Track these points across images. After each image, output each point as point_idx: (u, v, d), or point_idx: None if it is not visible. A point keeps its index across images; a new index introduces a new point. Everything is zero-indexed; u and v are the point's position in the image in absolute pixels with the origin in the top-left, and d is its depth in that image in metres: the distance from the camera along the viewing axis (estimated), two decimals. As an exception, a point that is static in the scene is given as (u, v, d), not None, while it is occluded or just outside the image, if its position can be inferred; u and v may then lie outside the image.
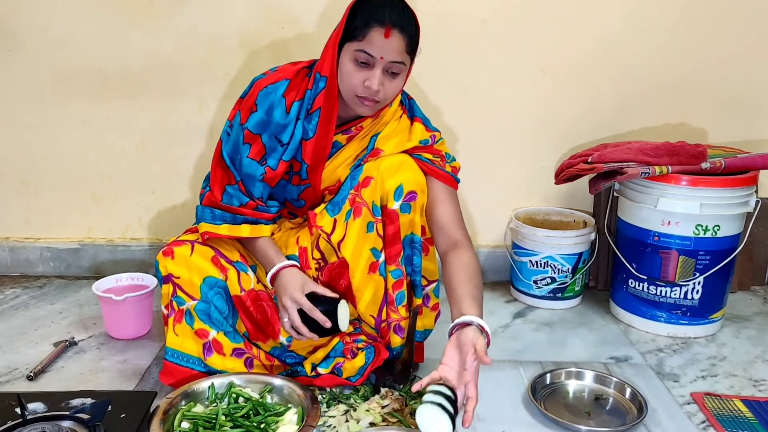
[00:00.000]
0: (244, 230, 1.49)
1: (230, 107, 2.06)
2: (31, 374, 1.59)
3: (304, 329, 1.41)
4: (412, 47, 1.38)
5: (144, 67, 2.08)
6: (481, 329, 1.27)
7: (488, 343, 1.27)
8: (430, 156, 1.51)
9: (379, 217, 1.46)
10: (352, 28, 1.35)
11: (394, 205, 1.45)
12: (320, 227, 1.50)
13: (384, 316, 1.53)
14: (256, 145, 1.47)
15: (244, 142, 1.47)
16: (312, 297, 1.42)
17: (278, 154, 1.48)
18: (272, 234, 1.55)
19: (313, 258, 1.55)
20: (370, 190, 1.46)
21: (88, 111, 2.12)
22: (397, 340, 1.53)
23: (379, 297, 1.51)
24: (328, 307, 1.41)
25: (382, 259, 1.48)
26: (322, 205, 1.52)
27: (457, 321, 1.30)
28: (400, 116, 1.54)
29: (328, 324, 1.40)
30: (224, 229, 1.48)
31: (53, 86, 2.10)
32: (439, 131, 1.56)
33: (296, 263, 1.50)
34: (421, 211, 1.48)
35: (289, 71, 1.48)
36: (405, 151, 1.50)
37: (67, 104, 2.11)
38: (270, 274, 1.47)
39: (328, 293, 1.44)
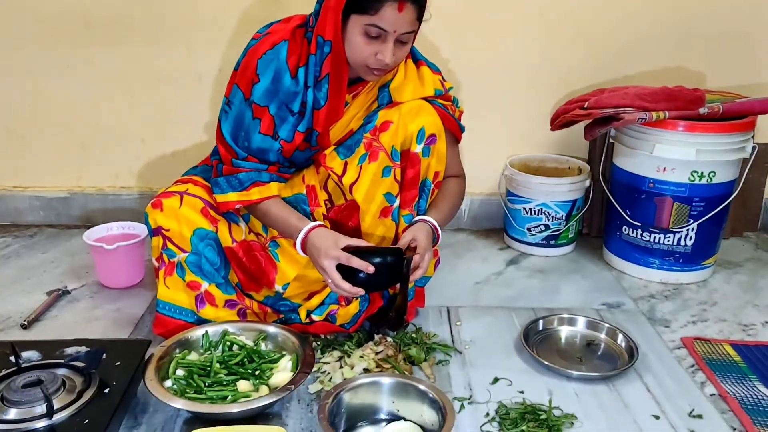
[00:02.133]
0: (273, 188, 1.45)
1: (219, 51, 2.05)
2: (25, 323, 1.59)
3: (345, 284, 1.34)
4: (421, 14, 1.35)
5: (130, 9, 2.00)
6: (433, 227, 1.47)
7: (437, 239, 1.48)
8: (444, 102, 1.52)
9: (398, 162, 1.44)
10: (361, 0, 1.29)
11: (417, 148, 1.44)
12: (330, 168, 1.47)
13: None
14: (265, 118, 1.41)
15: (254, 118, 1.40)
16: (357, 252, 1.35)
17: (290, 125, 1.43)
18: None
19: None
20: (391, 134, 1.43)
21: (72, 56, 2.06)
22: None
23: (388, 242, 1.50)
24: (381, 257, 1.36)
25: (396, 204, 1.47)
26: (331, 147, 1.49)
27: (415, 219, 1.48)
28: (405, 62, 1.50)
29: (370, 268, 1.33)
30: (255, 193, 1.43)
31: (34, 29, 2.02)
32: (440, 71, 1.55)
33: (321, 223, 1.43)
34: (438, 156, 1.47)
35: (284, 31, 1.40)
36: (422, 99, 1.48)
37: (49, 49, 2.05)
38: (300, 239, 1.40)
39: (364, 243, 1.39)
